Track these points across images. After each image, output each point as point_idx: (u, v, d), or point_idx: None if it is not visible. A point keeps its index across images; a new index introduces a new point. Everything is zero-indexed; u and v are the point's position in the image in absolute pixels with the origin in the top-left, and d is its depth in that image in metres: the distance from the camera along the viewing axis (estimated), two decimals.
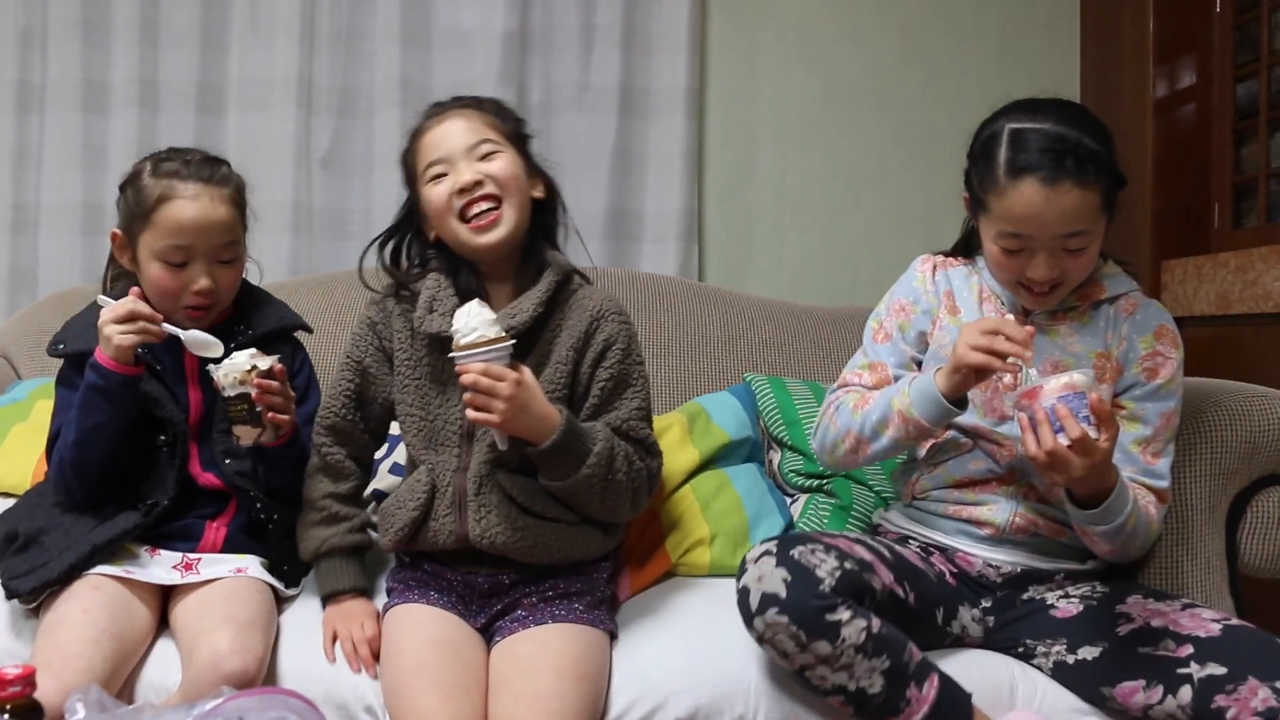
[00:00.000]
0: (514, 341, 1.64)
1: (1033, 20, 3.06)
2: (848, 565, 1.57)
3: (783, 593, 1.53)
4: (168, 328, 1.73)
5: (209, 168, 1.83)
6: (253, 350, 1.73)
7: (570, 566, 1.76)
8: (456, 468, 1.74)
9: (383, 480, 2.17)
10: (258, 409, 1.72)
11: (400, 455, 1.99)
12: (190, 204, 1.77)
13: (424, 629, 1.65)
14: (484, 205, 1.74)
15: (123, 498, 1.78)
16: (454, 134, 1.77)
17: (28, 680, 1.23)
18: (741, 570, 1.60)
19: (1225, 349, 2.53)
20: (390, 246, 1.88)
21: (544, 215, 1.85)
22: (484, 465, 1.72)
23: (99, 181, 2.94)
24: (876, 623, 1.55)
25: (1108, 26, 2.95)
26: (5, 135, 2.94)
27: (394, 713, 1.56)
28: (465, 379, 1.59)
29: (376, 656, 1.67)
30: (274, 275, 2.10)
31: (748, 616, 1.57)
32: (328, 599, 1.78)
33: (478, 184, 1.73)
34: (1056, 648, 1.67)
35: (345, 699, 1.63)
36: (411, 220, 1.86)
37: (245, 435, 1.74)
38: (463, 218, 1.74)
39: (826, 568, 1.55)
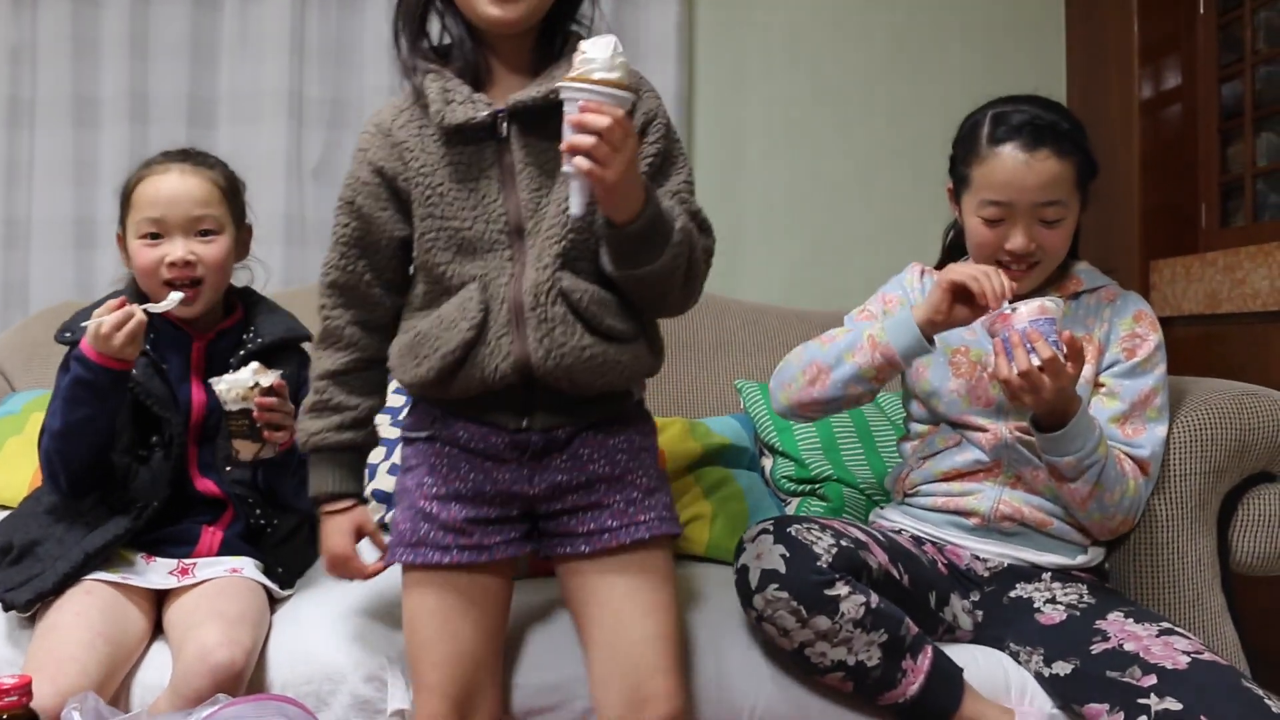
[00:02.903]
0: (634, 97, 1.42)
1: (1018, 24, 3.08)
2: (844, 543, 1.60)
3: (782, 568, 1.55)
4: (153, 308, 1.75)
5: (191, 154, 1.90)
6: (256, 365, 1.74)
7: (616, 421, 1.57)
8: (510, 276, 1.49)
9: (382, 480, 2.15)
10: (258, 425, 1.73)
11: (399, 457, 1.68)
12: (161, 178, 1.84)
13: (439, 609, 1.52)
14: None
15: (115, 501, 1.78)
16: None
17: (24, 690, 1.24)
18: (739, 551, 1.62)
19: (1214, 348, 2.54)
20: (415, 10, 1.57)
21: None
22: (544, 270, 1.48)
23: (90, 195, 2.94)
24: (874, 598, 1.57)
25: (1092, 29, 2.97)
26: None
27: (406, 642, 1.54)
28: (597, 121, 1.32)
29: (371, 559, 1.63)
30: (268, 286, 2.10)
31: (746, 594, 1.58)
32: (317, 502, 1.63)
33: None
34: (1035, 657, 1.68)
35: (344, 671, 1.64)
36: None
37: (245, 450, 1.76)
38: None
39: (823, 544, 1.57)
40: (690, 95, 3.03)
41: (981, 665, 1.69)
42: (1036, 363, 1.57)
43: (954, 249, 1.97)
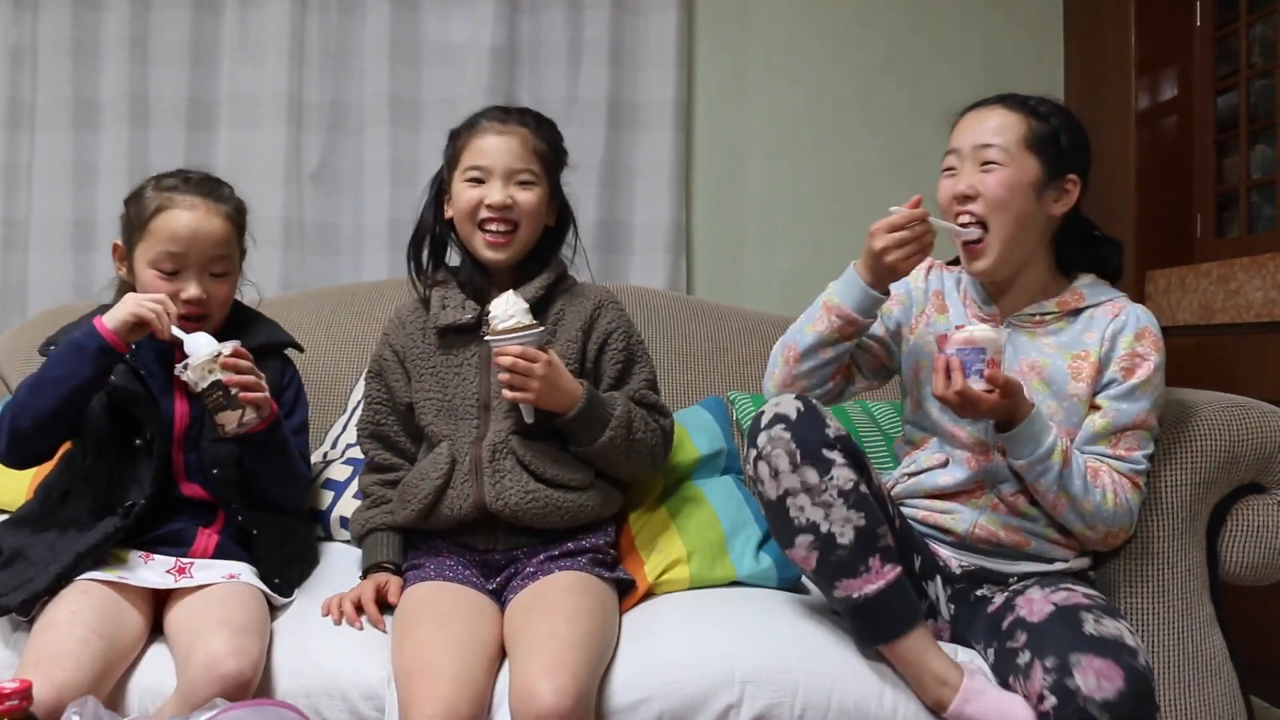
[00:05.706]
0: (544, 328, 1.83)
1: (1017, 33, 3.10)
2: (852, 448, 1.66)
3: (793, 415, 1.65)
4: (176, 331, 1.77)
5: (209, 185, 1.91)
6: (206, 337, 1.77)
7: (578, 531, 1.88)
8: (474, 439, 1.88)
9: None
10: (233, 392, 1.74)
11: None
12: (186, 213, 1.85)
13: (436, 597, 1.76)
14: (503, 227, 1.92)
15: (101, 502, 1.80)
16: (503, 152, 1.93)
17: (24, 694, 1.24)
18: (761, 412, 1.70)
19: (1207, 358, 2.55)
20: (423, 243, 2.03)
21: (551, 236, 2.03)
22: (500, 435, 1.87)
23: (89, 198, 2.96)
24: (865, 487, 1.63)
25: (1091, 40, 2.99)
26: None
27: (395, 651, 1.67)
28: (503, 360, 1.76)
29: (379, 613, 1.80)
30: (265, 291, 2.12)
31: (753, 433, 1.66)
32: (366, 574, 1.90)
33: (505, 207, 1.91)
34: (989, 652, 1.72)
35: (342, 688, 1.65)
36: (439, 202, 2.02)
37: (228, 421, 1.76)
38: (481, 226, 1.92)
39: (835, 427, 1.65)
40: (689, 103, 3.05)
41: (958, 657, 1.70)
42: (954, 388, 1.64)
43: None
